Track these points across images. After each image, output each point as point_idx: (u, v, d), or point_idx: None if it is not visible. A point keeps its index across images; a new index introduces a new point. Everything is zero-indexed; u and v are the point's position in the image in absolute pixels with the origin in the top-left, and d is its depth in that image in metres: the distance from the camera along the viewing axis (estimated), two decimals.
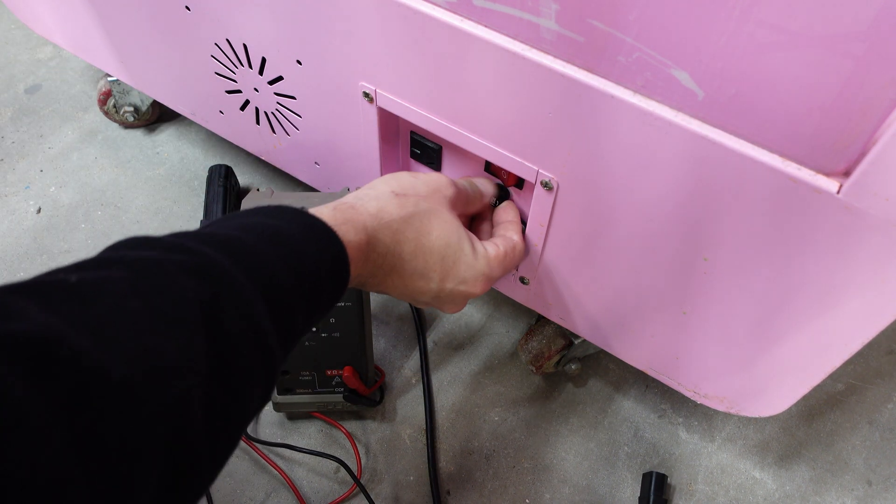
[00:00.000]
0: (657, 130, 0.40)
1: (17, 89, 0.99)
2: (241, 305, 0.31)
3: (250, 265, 0.33)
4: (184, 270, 0.30)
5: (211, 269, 0.31)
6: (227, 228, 0.35)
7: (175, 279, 0.29)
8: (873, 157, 0.33)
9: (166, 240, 0.32)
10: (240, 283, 0.31)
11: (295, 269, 0.35)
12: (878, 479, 0.68)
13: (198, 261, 0.31)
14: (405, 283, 0.45)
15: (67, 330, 0.24)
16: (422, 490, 0.66)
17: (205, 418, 0.28)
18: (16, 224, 0.84)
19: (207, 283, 0.30)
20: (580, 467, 0.68)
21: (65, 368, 0.23)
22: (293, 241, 0.36)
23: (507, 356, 0.75)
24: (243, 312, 0.31)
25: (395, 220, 0.43)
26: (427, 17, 0.44)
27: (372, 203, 0.43)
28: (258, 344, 0.31)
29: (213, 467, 0.30)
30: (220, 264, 0.31)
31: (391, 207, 0.43)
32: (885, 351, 0.77)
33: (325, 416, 0.69)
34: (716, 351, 0.52)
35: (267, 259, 0.34)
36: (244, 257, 0.33)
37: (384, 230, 0.42)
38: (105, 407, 0.23)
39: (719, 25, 0.34)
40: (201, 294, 0.29)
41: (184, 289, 0.29)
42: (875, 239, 0.37)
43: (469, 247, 0.47)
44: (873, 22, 0.30)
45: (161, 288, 0.28)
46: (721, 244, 0.44)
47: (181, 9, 0.61)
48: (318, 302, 0.37)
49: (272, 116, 0.66)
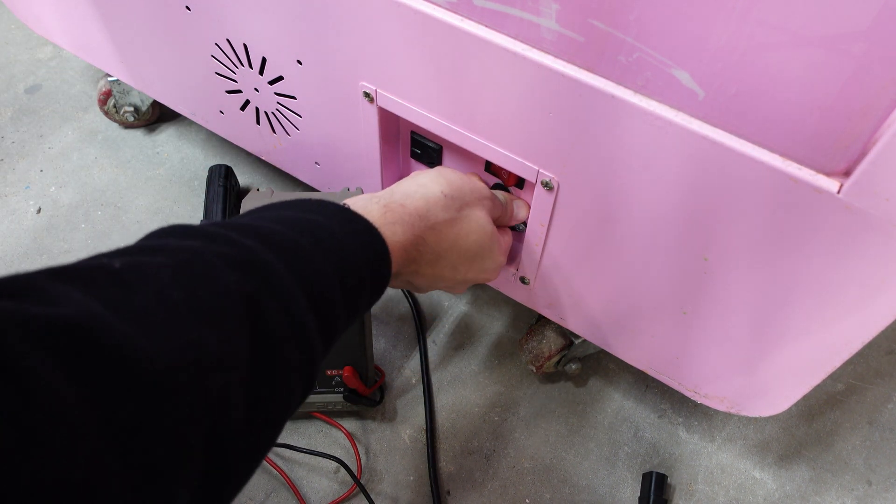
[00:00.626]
0: (657, 130, 0.40)
1: (17, 89, 0.99)
2: (284, 300, 0.30)
3: (293, 260, 0.32)
4: (227, 262, 0.29)
5: (254, 262, 0.31)
6: (269, 221, 0.35)
7: (218, 271, 0.29)
8: (873, 157, 0.33)
9: (209, 229, 0.32)
10: (283, 278, 0.31)
11: (338, 267, 0.35)
12: (878, 479, 0.68)
13: (241, 253, 0.30)
14: (434, 274, 0.46)
15: (110, 316, 0.23)
16: (422, 490, 0.66)
17: (246, 412, 0.28)
18: (16, 224, 0.84)
19: (251, 277, 0.30)
20: (580, 467, 0.68)
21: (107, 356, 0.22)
22: (336, 238, 0.36)
23: (507, 356, 0.75)
24: (286, 307, 0.30)
25: (441, 222, 0.44)
26: (427, 17, 0.44)
27: (421, 203, 0.44)
28: (300, 339, 0.31)
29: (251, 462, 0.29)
30: (263, 258, 0.31)
31: (438, 210, 0.44)
32: (885, 351, 0.77)
33: (325, 416, 0.69)
34: (716, 351, 0.52)
35: (310, 255, 0.34)
36: (287, 252, 0.33)
37: (430, 232, 0.43)
38: (147, 397, 0.23)
39: (719, 25, 0.34)
40: (245, 287, 0.29)
41: (227, 281, 0.29)
42: (875, 239, 0.37)
43: (497, 246, 0.50)
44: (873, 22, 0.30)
45: (204, 279, 0.28)
46: (721, 244, 0.44)
47: (181, 9, 0.61)
48: (357, 300, 0.37)
49: (272, 116, 0.66)
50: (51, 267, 0.25)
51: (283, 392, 0.30)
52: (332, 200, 0.39)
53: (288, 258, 0.32)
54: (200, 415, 0.25)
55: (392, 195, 0.44)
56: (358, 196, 0.43)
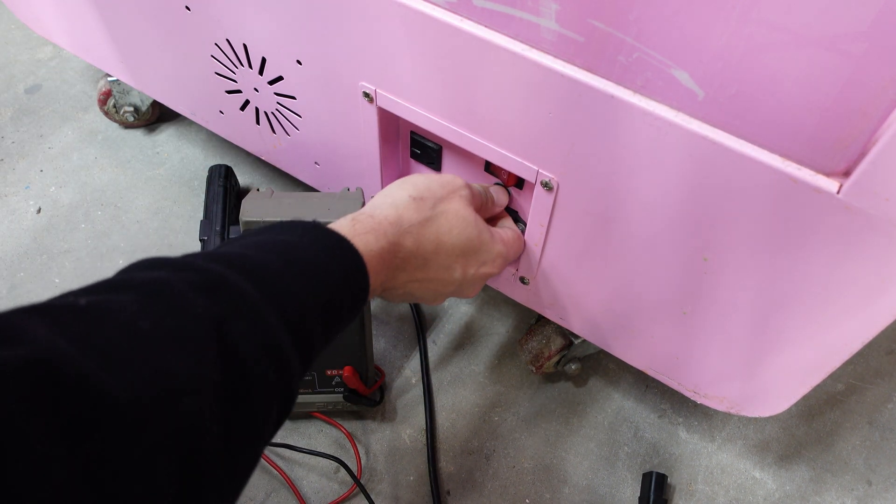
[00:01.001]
0: (657, 130, 0.40)
1: (17, 89, 0.99)
2: (254, 320, 0.30)
3: (262, 280, 0.32)
4: (193, 288, 0.29)
5: (222, 286, 0.30)
6: (238, 247, 0.35)
7: (185, 297, 0.29)
8: (873, 157, 0.33)
9: (176, 260, 0.32)
10: (252, 299, 0.31)
11: (310, 283, 0.34)
12: (878, 479, 0.68)
13: (209, 279, 0.30)
14: (430, 279, 0.46)
15: (74, 352, 0.24)
16: (422, 490, 0.66)
17: (221, 435, 0.28)
18: (16, 224, 0.84)
19: (219, 300, 0.30)
20: (580, 467, 0.68)
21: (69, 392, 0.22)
22: (307, 254, 0.36)
23: (507, 356, 0.75)
24: (257, 327, 0.30)
25: (416, 224, 0.44)
26: (427, 17, 0.44)
27: (390, 210, 0.43)
28: (273, 358, 0.31)
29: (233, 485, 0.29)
30: (230, 281, 0.31)
31: (410, 213, 0.44)
32: (885, 351, 0.77)
33: (325, 416, 0.69)
34: (716, 351, 0.52)
35: (280, 273, 0.33)
36: (256, 274, 0.32)
37: (406, 235, 0.43)
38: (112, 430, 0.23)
39: (719, 25, 0.34)
40: (213, 311, 0.29)
41: (194, 306, 0.28)
42: (875, 239, 0.37)
43: (487, 233, 0.49)
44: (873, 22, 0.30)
45: (170, 307, 0.28)
46: (721, 244, 0.44)
47: (181, 9, 0.61)
48: (337, 314, 0.36)
49: (272, 116, 0.66)
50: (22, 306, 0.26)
51: (259, 412, 0.30)
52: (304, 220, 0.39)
53: (257, 279, 0.32)
54: (173, 442, 0.25)
55: (362, 210, 0.43)
56: None
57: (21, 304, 0.25)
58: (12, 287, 0.78)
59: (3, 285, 0.79)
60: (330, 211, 0.55)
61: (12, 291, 0.78)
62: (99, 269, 0.80)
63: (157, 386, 0.25)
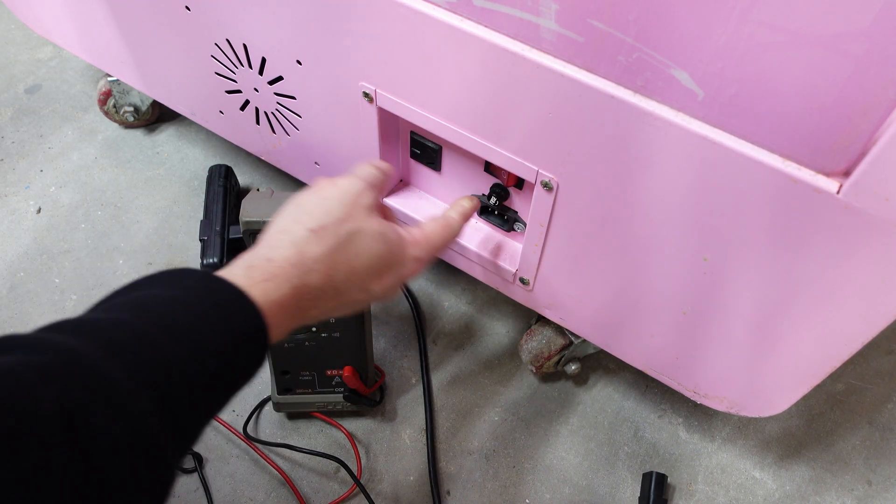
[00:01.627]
0: (657, 130, 0.40)
1: (17, 89, 0.99)
2: (115, 406, 0.27)
3: (134, 355, 0.29)
4: (43, 376, 0.26)
5: (78, 369, 0.27)
6: (116, 310, 0.32)
7: (30, 390, 0.25)
8: (873, 157, 0.33)
9: (32, 337, 0.29)
10: (114, 381, 0.28)
11: (195, 349, 0.31)
12: (878, 479, 0.68)
13: (62, 362, 0.27)
14: (345, 303, 0.42)
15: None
16: (422, 490, 0.66)
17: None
18: (16, 224, 0.84)
19: (72, 387, 0.26)
20: (580, 467, 0.68)
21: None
22: (191, 314, 0.32)
23: (507, 356, 0.75)
24: (118, 413, 0.27)
25: (321, 257, 0.39)
26: (427, 17, 0.44)
27: (289, 250, 0.39)
28: (139, 444, 0.28)
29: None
30: (89, 361, 0.28)
31: (313, 247, 0.39)
32: (885, 351, 0.77)
33: (325, 416, 0.69)
34: (716, 351, 0.52)
35: (158, 344, 0.30)
36: (126, 348, 0.29)
37: (311, 274, 0.39)
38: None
39: (719, 25, 0.34)
40: (64, 401, 0.26)
41: (40, 400, 0.25)
42: (875, 239, 0.37)
43: (398, 242, 0.45)
44: (873, 22, 0.30)
45: (9, 405, 0.25)
46: (721, 244, 0.44)
47: (181, 9, 0.61)
48: (230, 378, 0.33)
49: (272, 116, 0.66)
50: None
51: None
52: (193, 270, 0.35)
53: (126, 355, 0.29)
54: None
55: (257, 252, 0.39)
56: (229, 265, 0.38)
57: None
58: (12, 287, 0.78)
59: (3, 285, 0.79)
60: None
61: (12, 291, 0.78)
62: (99, 269, 0.80)
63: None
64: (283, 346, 0.63)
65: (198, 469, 0.65)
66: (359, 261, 0.42)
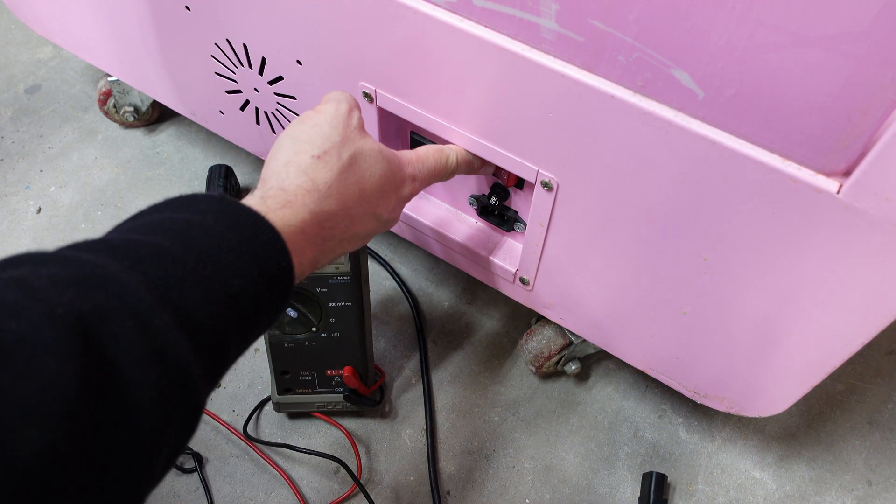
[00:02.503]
0: (657, 130, 0.40)
1: (17, 89, 0.99)
2: (136, 318, 0.25)
3: (152, 268, 0.27)
4: (56, 284, 0.24)
5: (94, 277, 0.25)
6: (125, 230, 0.30)
7: (41, 294, 0.23)
8: (873, 157, 0.33)
9: (42, 253, 0.27)
10: (134, 291, 0.25)
11: (216, 269, 0.29)
12: (878, 479, 0.68)
13: (77, 271, 0.25)
14: (358, 234, 0.41)
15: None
16: (422, 490, 0.66)
17: (90, 473, 0.22)
18: (16, 224, 0.84)
19: (88, 296, 0.24)
20: (580, 467, 0.68)
21: None
22: (211, 234, 0.30)
23: (507, 356, 0.75)
24: (139, 327, 0.25)
25: (333, 183, 0.38)
26: (427, 17, 0.44)
27: (301, 177, 0.38)
28: (163, 366, 0.25)
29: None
30: (106, 271, 0.25)
31: (322, 173, 0.38)
32: (885, 351, 0.77)
33: (325, 416, 0.69)
34: (716, 351, 0.52)
35: (177, 260, 0.28)
36: (143, 260, 0.27)
37: (327, 199, 0.38)
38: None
39: (719, 25, 0.34)
40: (79, 309, 0.23)
41: (51, 305, 0.23)
42: (875, 239, 0.37)
43: (394, 159, 0.44)
44: (873, 22, 0.30)
45: (16, 308, 0.22)
46: (721, 244, 0.44)
47: (181, 9, 0.61)
48: (254, 306, 0.31)
49: (272, 116, 0.66)
50: None
51: (146, 437, 0.24)
52: (209, 194, 0.33)
53: (144, 267, 0.27)
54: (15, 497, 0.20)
55: (266, 185, 0.38)
56: None
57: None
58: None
59: None
60: None
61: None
62: None
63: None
64: (283, 346, 0.63)
65: (198, 469, 0.65)
66: (366, 182, 0.41)
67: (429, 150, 0.48)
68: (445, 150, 0.49)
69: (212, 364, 0.28)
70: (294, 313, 0.60)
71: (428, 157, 0.47)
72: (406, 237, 0.68)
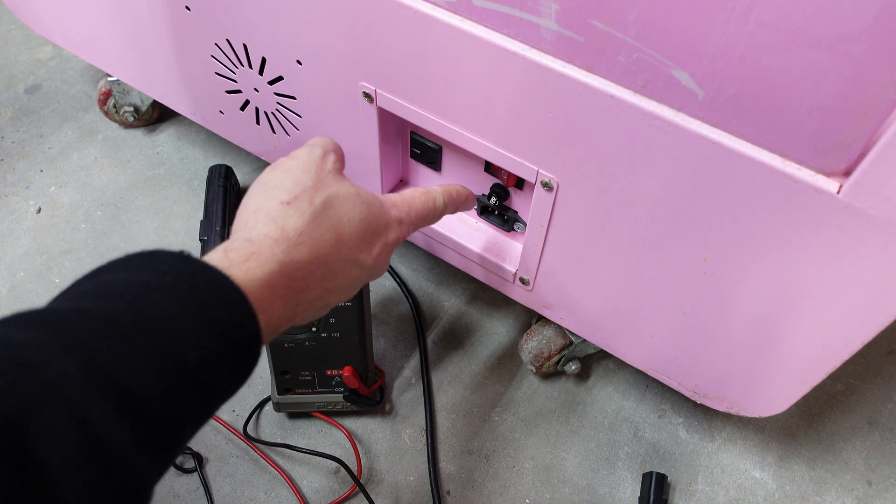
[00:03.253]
0: (657, 130, 0.40)
1: (17, 89, 0.99)
2: (69, 408, 0.23)
3: (97, 349, 0.25)
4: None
5: (24, 365, 0.23)
6: (77, 296, 0.27)
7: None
8: (873, 157, 0.33)
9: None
10: (69, 377, 0.23)
11: (171, 341, 0.26)
12: (878, 479, 0.68)
13: (4, 357, 0.23)
14: (340, 285, 0.38)
15: None
16: (422, 490, 0.66)
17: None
18: (16, 224, 0.84)
19: (15, 389, 0.22)
20: (580, 467, 0.68)
21: None
22: (166, 301, 0.27)
23: (507, 356, 0.75)
24: (72, 418, 0.23)
25: (305, 229, 0.36)
26: (427, 17, 0.44)
27: (269, 226, 0.35)
28: (99, 458, 0.23)
29: None
30: (39, 358, 0.23)
31: (292, 220, 0.36)
32: (885, 351, 0.77)
33: (325, 416, 0.69)
34: (716, 351, 0.52)
35: (126, 335, 0.26)
36: (88, 339, 0.25)
37: (298, 248, 0.35)
38: None
39: (719, 25, 0.34)
40: (4, 402, 0.22)
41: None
42: (875, 239, 0.37)
43: (376, 203, 0.41)
44: (873, 22, 0.30)
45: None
46: (721, 244, 0.44)
47: (181, 9, 0.61)
48: (215, 376, 0.28)
49: (272, 116, 0.66)
50: None
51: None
52: (168, 252, 0.31)
53: (88, 345, 0.24)
54: None
55: (232, 237, 0.36)
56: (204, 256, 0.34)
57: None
58: (12, 287, 0.78)
59: (2, 285, 0.79)
60: None
61: (12, 291, 0.78)
62: None
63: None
64: (283, 346, 0.63)
65: (198, 469, 0.65)
66: (343, 227, 0.38)
67: (415, 193, 0.45)
68: (431, 192, 0.47)
69: (163, 449, 0.26)
70: None
71: (415, 200, 0.45)
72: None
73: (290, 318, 0.35)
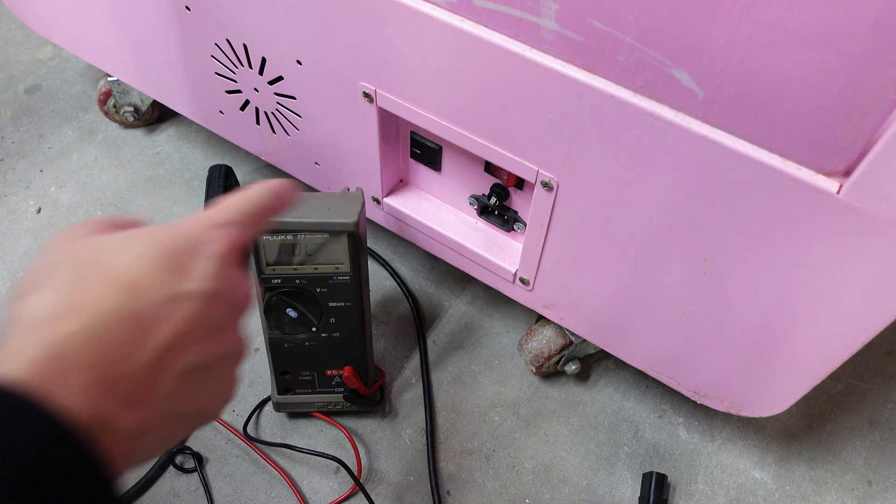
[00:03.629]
0: (657, 130, 0.40)
1: (17, 89, 0.99)
2: None
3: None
4: None
5: None
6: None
7: None
8: (873, 157, 0.33)
9: None
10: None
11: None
12: (878, 479, 0.68)
13: None
14: (181, 331, 0.27)
15: None
16: (422, 490, 0.66)
17: None
18: (16, 224, 0.84)
19: None
20: (580, 467, 0.68)
21: None
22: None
23: (507, 356, 0.75)
24: None
25: (70, 298, 0.26)
26: (427, 17, 0.44)
27: (30, 321, 0.26)
28: None
29: None
30: None
31: (49, 298, 0.26)
32: (885, 351, 0.77)
33: (325, 416, 0.69)
34: (716, 351, 0.52)
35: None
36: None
37: (71, 319, 0.25)
38: None
39: (719, 25, 0.34)
40: None
41: None
42: (875, 239, 0.37)
43: (169, 230, 0.31)
44: (873, 22, 0.30)
45: None
46: (721, 244, 0.44)
47: (181, 9, 0.61)
48: None
49: (272, 116, 0.66)
50: None
51: None
52: None
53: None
54: None
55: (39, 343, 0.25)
56: None
57: None
58: (12, 287, 0.78)
59: (2, 285, 0.79)
60: (330, 211, 0.55)
61: (12, 292, 0.78)
62: None
63: None
64: (283, 346, 0.63)
65: (198, 469, 0.65)
66: (125, 271, 0.27)
67: (231, 196, 0.35)
68: (247, 190, 0.36)
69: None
70: (294, 313, 0.60)
71: (228, 200, 0.35)
72: (406, 237, 0.68)
73: (138, 432, 0.25)
